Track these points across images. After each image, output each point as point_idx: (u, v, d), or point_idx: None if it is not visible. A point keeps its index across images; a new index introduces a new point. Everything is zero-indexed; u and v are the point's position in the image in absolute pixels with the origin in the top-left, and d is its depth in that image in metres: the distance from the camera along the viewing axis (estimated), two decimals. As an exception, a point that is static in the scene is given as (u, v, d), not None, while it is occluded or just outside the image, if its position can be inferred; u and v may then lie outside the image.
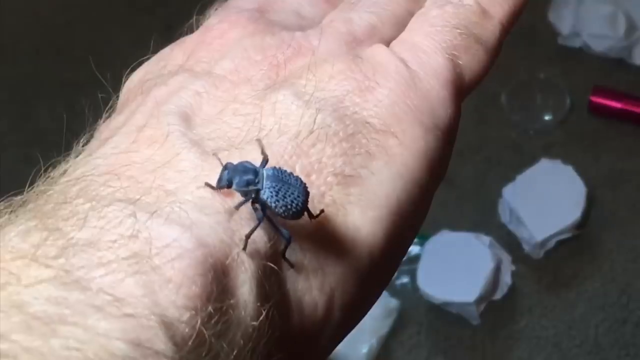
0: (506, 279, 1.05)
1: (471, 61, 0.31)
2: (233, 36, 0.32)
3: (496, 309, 1.04)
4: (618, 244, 1.10)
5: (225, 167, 0.25)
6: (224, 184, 0.25)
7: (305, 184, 0.26)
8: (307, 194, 0.25)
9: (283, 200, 0.25)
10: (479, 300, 1.01)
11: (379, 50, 0.31)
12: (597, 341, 1.04)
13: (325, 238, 0.27)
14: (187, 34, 0.36)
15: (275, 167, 0.26)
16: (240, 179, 0.25)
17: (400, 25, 0.33)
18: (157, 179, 0.25)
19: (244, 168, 0.25)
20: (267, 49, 0.31)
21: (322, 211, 0.26)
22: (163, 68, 0.34)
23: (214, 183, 0.25)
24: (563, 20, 1.24)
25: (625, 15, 1.21)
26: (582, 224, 1.08)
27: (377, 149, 0.28)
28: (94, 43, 1.31)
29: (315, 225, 0.26)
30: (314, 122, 0.28)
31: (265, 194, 0.25)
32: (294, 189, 0.25)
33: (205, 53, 0.32)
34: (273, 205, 0.25)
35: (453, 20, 0.32)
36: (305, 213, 0.26)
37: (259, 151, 0.26)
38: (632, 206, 1.12)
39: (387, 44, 0.31)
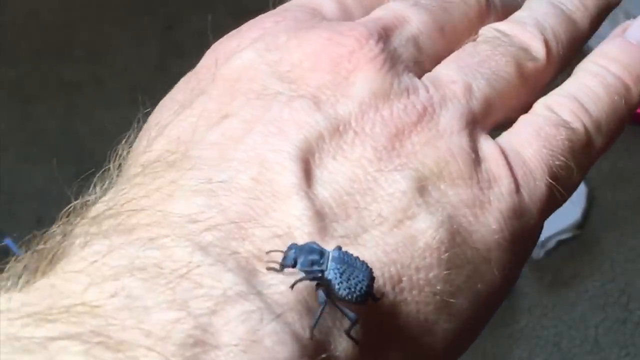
0: (506, 279, 1.05)
1: (562, 190, 0.30)
2: (363, 67, 0.29)
3: (496, 308, 1.04)
4: (618, 244, 1.10)
5: (290, 247, 0.24)
6: (289, 263, 0.24)
7: (371, 268, 0.25)
8: (372, 278, 0.25)
9: (347, 282, 0.24)
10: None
11: (496, 157, 0.29)
12: (597, 341, 1.04)
13: (399, 332, 0.26)
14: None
15: (340, 249, 0.25)
16: (305, 259, 0.24)
17: (512, 104, 0.31)
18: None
19: (310, 248, 0.24)
20: (394, 103, 0.28)
21: (382, 294, 0.25)
22: (277, 63, 0.30)
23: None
24: (563, 20, 1.24)
25: (625, 15, 1.21)
26: (582, 224, 1.08)
27: (475, 275, 0.27)
28: (94, 43, 1.31)
29: (391, 320, 0.26)
30: (432, 233, 0.26)
31: (329, 275, 0.24)
32: (359, 272, 0.25)
33: (331, 77, 0.29)
34: (337, 286, 0.24)
35: (563, 145, 0.30)
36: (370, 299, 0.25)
37: (375, 249, 0.25)
38: (632, 206, 1.12)
39: (497, 127, 0.30)
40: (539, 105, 0.31)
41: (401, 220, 0.26)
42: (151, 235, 0.24)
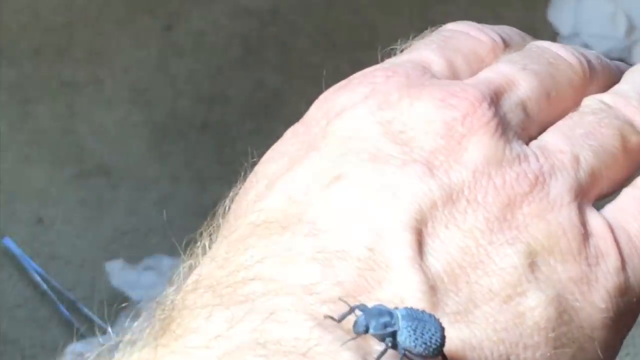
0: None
1: None
2: (476, 132, 0.28)
3: (496, 309, 1.04)
4: (618, 244, 1.10)
5: (352, 310, 0.24)
6: (361, 330, 0.24)
7: (438, 319, 0.25)
8: (442, 329, 0.25)
9: (422, 337, 0.24)
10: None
11: (604, 232, 0.29)
12: (598, 341, 1.03)
13: None
14: None
15: (407, 307, 0.25)
16: (377, 323, 0.24)
17: (616, 177, 0.31)
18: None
19: (379, 311, 0.24)
20: (506, 171, 0.28)
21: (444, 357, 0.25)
22: (390, 123, 0.29)
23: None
24: (563, 20, 1.24)
25: (625, 15, 1.21)
26: (582, 224, 1.08)
27: (579, 354, 0.27)
28: (94, 43, 1.31)
29: None
30: (541, 312, 0.26)
31: (403, 335, 0.24)
32: (430, 325, 0.24)
33: (445, 142, 0.28)
34: (413, 344, 0.24)
35: None
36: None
37: (486, 326, 0.26)
38: (633, 206, 1.12)
39: (599, 199, 0.30)
40: None
41: (511, 296, 0.26)
42: (270, 308, 0.24)
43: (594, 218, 0.29)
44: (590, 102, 0.32)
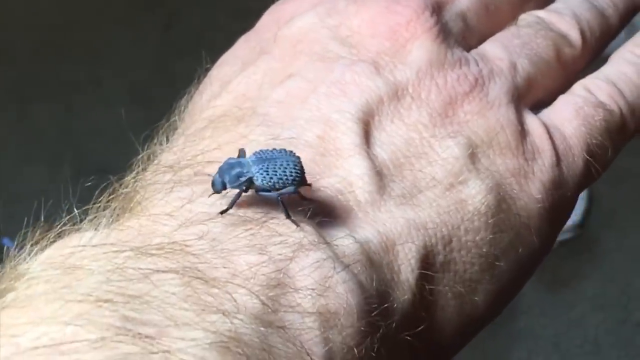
0: (506, 279, 1.05)
1: (597, 167, 0.32)
2: (419, 36, 0.30)
3: (496, 308, 1.04)
4: (618, 244, 1.10)
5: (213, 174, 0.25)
6: (220, 188, 0.25)
7: (290, 151, 0.26)
8: (297, 158, 0.26)
9: (276, 175, 0.25)
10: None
11: (540, 131, 0.31)
12: (597, 341, 1.04)
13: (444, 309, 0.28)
14: None
15: (256, 151, 0.26)
16: (230, 176, 0.25)
17: (551, 85, 0.33)
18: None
19: (229, 165, 0.25)
20: (448, 72, 0.30)
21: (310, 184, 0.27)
22: (337, 28, 0.31)
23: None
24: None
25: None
26: (582, 224, 1.08)
27: (517, 240, 0.29)
28: (94, 43, 1.31)
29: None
30: (481, 199, 0.28)
31: (258, 179, 0.25)
32: (282, 160, 0.25)
33: (389, 44, 0.30)
34: (270, 183, 0.25)
35: (600, 125, 0.32)
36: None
37: (430, 210, 0.27)
38: (632, 206, 1.12)
39: (535, 106, 0.32)
40: (578, 87, 0.33)
41: (453, 184, 0.28)
42: None
43: (530, 118, 0.31)
44: (527, 16, 0.34)
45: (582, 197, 1.08)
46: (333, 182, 0.27)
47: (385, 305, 0.25)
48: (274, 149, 0.26)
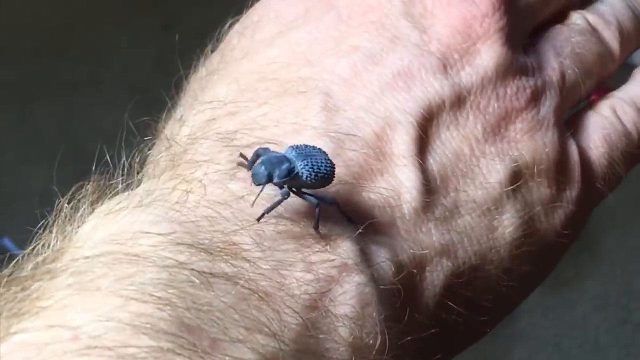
0: (506, 279, 1.05)
1: (608, 193, 0.32)
2: (491, 36, 0.29)
3: (496, 309, 1.04)
4: (618, 244, 1.10)
5: (252, 161, 0.25)
6: (263, 181, 0.24)
7: (320, 149, 0.25)
8: (326, 154, 0.25)
9: (319, 171, 0.24)
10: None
11: (576, 161, 0.30)
12: (598, 341, 1.03)
13: None
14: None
15: (292, 147, 0.25)
16: (280, 171, 0.24)
17: (587, 92, 0.32)
18: None
19: (278, 159, 0.24)
20: (509, 81, 0.29)
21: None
22: (412, 3, 0.29)
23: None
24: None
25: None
26: (582, 224, 1.08)
27: (532, 270, 0.29)
28: (93, 43, 1.31)
29: None
30: (512, 232, 0.28)
31: (304, 175, 0.24)
32: (319, 157, 0.25)
33: (461, 39, 0.29)
34: (314, 180, 0.24)
35: (622, 156, 0.32)
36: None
37: (463, 235, 0.27)
38: (632, 206, 1.12)
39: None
40: (605, 107, 0.32)
41: (490, 210, 0.27)
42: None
43: (569, 143, 0.30)
44: (578, 18, 0.33)
45: (583, 197, 1.08)
46: (382, 191, 0.26)
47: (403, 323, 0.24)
48: (310, 145, 0.25)
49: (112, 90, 1.26)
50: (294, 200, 0.24)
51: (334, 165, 0.25)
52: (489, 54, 0.29)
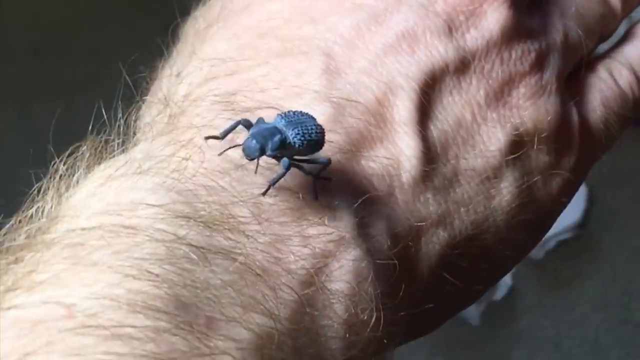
0: (506, 279, 1.04)
1: (602, 154, 0.32)
2: (497, 7, 0.28)
3: (496, 309, 1.04)
4: (618, 244, 1.10)
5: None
6: (256, 155, 0.23)
7: (307, 113, 0.24)
8: (320, 126, 0.24)
9: (310, 137, 0.24)
10: (479, 300, 1.01)
11: (576, 127, 0.30)
12: (598, 341, 1.03)
13: None
14: None
15: (280, 115, 0.24)
16: (272, 143, 0.23)
17: (586, 51, 0.32)
18: None
19: (270, 130, 0.23)
20: (515, 44, 0.28)
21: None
22: None
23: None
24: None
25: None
26: (582, 224, 1.08)
27: (528, 238, 0.29)
28: (94, 43, 1.31)
29: None
30: (510, 200, 0.27)
31: (295, 143, 0.24)
32: (308, 122, 0.24)
33: (468, 1, 0.28)
34: (306, 148, 0.24)
35: (618, 118, 0.31)
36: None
37: (460, 204, 0.27)
38: (632, 206, 1.12)
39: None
40: (602, 69, 0.32)
41: (488, 177, 0.27)
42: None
43: (571, 110, 0.30)
44: None
45: (582, 197, 1.07)
46: (382, 160, 0.25)
47: (399, 297, 0.24)
48: (299, 111, 0.24)
49: (112, 90, 1.25)
50: (290, 171, 0.24)
51: (324, 130, 0.24)
52: (495, 16, 0.28)
